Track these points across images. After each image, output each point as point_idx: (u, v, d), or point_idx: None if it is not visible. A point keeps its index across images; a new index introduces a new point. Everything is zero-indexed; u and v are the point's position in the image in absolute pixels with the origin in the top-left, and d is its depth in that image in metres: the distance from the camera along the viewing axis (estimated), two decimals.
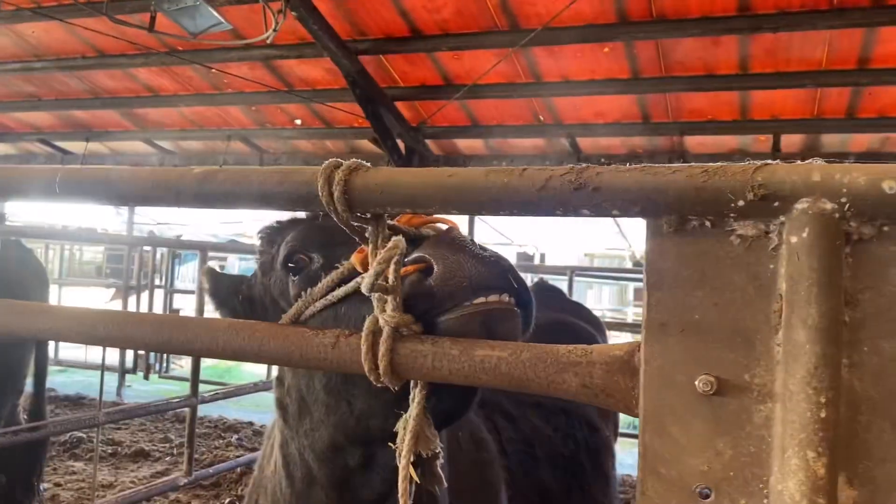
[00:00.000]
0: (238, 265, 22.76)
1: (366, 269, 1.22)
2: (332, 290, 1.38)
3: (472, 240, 1.24)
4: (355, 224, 1.09)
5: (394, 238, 1.03)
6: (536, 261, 22.01)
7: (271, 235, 1.79)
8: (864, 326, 0.88)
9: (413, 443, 1.15)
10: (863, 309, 0.88)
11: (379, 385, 1.06)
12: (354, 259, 1.30)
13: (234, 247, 10.39)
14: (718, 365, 0.93)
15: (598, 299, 21.22)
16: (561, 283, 6.36)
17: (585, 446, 2.92)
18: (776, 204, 0.89)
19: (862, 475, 0.87)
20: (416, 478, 1.22)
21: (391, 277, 1.03)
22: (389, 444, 1.21)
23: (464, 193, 1.02)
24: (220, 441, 8.05)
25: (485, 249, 1.21)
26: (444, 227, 1.32)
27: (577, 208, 0.98)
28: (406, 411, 1.17)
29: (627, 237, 22.39)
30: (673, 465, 0.95)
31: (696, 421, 0.94)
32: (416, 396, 1.14)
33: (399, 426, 1.17)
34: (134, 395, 10.35)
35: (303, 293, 1.44)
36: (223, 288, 1.89)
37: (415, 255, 1.18)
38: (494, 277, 1.17)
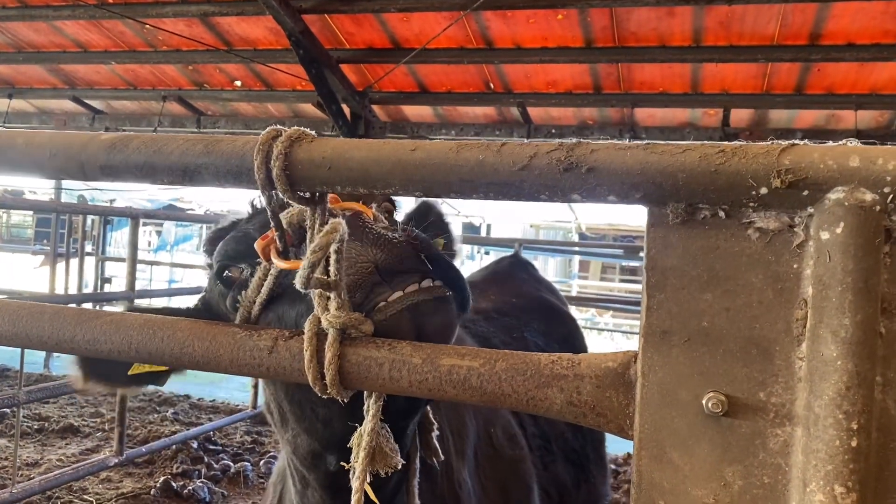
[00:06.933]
0: (174, 232, 22.00)
1: (267, 258, 1.06)
2: (261, 287, 1.23)
3: (385, 222, 1.11)
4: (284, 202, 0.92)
5: (332, 221, 0.85)
6: (483, 232, 21.99)
7: (212, 244, 1.60)
8: None
9: (367, 461, 0.98)
10: None
11: (325, 397, 0.89)
12: (257, 246, 1.11)
13: (166, 213, 9.95)
14: (729, 381, 0.79)
15: (543, 271, 21.32)
16: None
17: (591, 438, 2.98)
18: (805, 193, 0.75)
19: None
20: (373, 499, 1.06)
21: (332, 269, 0.85)
22: (343, 464, 1.05)
23: (429, 172, 0.85)
24: (155, 416, 7.73)
25: (397, 232, 1.07)
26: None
27: (567, 192, 0.82)
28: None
29: (574, 209, 22.53)
30: (673, 497, 0.81)
31: (701, 445, 0.80)
32: (370, 408, 0.98)
33: (353, 442, 1.00)
34: (63, 367, 9.88)
35: (238, 300, 1.28)
36: None
37: None
38: (405, 259, 1.04)
